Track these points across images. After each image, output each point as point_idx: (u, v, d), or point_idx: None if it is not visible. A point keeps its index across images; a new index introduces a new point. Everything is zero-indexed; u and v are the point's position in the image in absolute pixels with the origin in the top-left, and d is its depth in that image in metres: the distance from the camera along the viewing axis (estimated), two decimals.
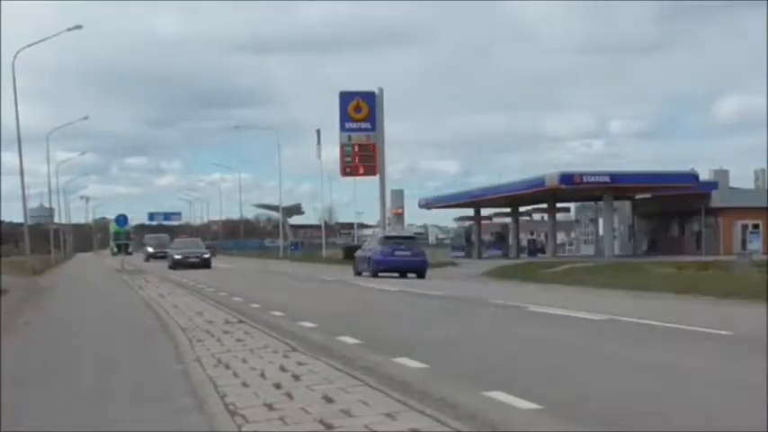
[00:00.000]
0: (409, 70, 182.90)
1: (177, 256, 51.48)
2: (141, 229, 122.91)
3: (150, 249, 73.27)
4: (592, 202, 64.50)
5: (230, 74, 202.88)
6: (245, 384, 8.39)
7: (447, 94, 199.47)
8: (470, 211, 70.63)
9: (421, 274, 35.89)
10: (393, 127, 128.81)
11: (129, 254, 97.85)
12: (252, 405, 7.35)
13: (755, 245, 53.60)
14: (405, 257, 36.64)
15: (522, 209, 67.19)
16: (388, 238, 38.80)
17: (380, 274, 35.55)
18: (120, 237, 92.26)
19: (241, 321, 14.95)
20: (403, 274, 35.89)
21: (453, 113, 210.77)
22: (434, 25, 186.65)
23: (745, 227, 57.03)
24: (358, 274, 38.10)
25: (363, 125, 57.19)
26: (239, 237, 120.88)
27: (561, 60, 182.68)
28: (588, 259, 49.31)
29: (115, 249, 79.60)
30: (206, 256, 52.56)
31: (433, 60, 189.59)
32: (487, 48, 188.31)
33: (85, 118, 74.11)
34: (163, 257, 61.64)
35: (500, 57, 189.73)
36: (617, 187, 52.70)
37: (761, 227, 56.78)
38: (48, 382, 9.41)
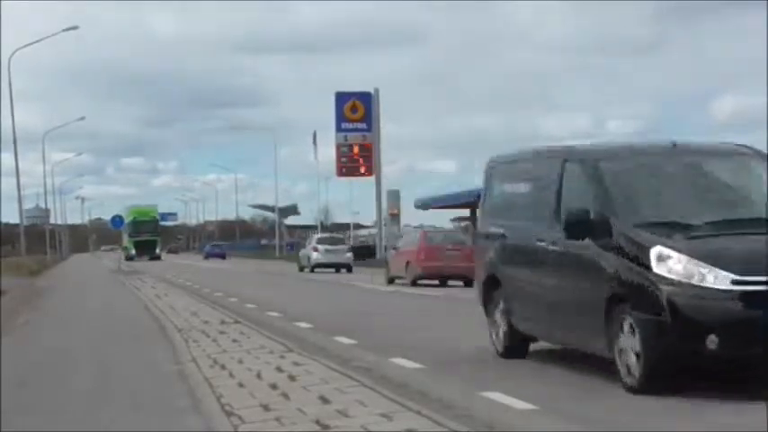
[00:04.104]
0: (406, 70, 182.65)
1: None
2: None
3: (318, 254, 39.64)
4: None
5: (227, 74, 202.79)
6: (241, 385, 8.38)
7: (444, 94, 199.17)
8: (467, 212, 70.57)
9: None
10: (390, 127, 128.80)
11: (157, 258, 68.56)
12: (248, 406, 7.35)
13: None
14: None
15: None
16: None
17: None
18: (141, 230, 61.43)
19: (237, 322, 14.94)
20: None
21: (450, 114, 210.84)
22: (431, 25, 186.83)
23: None
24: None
25: (360, 126, 57.11)
26: (235, 238, 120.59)
27: (558, 60, 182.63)
28: None
29: (132, 251, 55.02)
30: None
31: (429, 60, 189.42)
32: (484, 48, 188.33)
33: (81, 118, 73.94)
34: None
35: (497, 57, 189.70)
36: None
37: None
38: (46, 382, 9.41)
